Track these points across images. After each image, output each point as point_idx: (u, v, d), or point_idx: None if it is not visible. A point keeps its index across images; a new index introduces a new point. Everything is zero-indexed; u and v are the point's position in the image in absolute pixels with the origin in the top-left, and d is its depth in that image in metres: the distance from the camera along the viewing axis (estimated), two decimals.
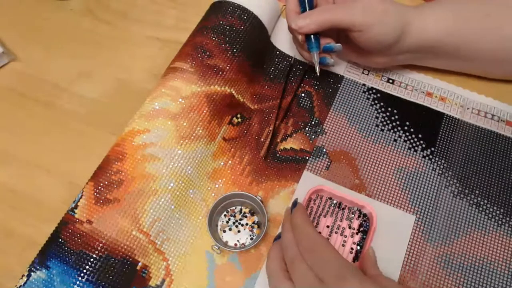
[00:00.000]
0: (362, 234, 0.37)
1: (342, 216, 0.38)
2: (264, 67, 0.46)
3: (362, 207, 0.38)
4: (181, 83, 0.40)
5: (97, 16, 0.52)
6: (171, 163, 0.37)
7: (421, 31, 0.39)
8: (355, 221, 0.38)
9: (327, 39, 0.40)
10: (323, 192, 0.39)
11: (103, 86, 0.47)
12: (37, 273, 0.34)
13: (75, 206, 0.36)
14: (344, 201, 0.39)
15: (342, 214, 0.38)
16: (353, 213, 0.38)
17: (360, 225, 0.38)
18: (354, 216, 0.38)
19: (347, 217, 0.38)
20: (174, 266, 0.36)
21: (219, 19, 0.43)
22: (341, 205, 0.39)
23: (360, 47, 0.41)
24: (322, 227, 0.38)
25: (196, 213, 0.38)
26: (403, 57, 0.43)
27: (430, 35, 0.39)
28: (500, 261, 0.37)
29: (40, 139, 0.44)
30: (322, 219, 0.38)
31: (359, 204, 0.38)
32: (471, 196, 0.40)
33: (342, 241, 0.37)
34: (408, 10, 0.39)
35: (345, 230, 0.38)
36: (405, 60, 0.43)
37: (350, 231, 0.38)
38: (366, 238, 0.37)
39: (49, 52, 0.50)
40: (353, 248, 0.37)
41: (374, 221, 0.37)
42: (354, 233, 0.38)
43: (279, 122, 0.43)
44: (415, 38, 0.39)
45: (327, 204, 0.39)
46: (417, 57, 0.43)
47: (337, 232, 0.38)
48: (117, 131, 0.42)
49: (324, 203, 0.39)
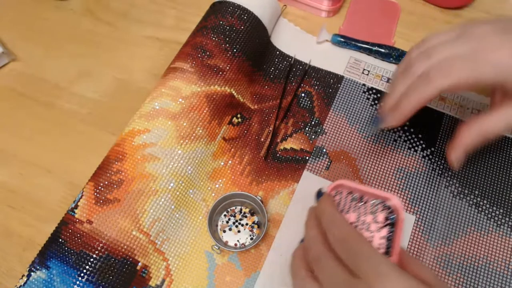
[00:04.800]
0: (389, 227, 0.35)
1: (365, 210, 0.36)
2: (264, 67, 0.46)
3: (386, 199, 0.35)
4: (181, 83, 0.40)
5: (97, 16, 0.52)
6: (171, 163, 0.37)
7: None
8: (379, 214, 0.35)
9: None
10: (342, 187, 0.37)
11: (103, 86, 0.47)
12: (37, 273, 0.34)
13: (75, 206, 0.36)
14: (366, 195, 0.36)
15: (365, 208, 0.36)
16: (376, 206, 0.36)
17: (385, 218, 0.35)
18: (378, 209, 0.36)
19: (371, 211, 0.36)
20: (174, 266, 0.36)
21: (219, 19, 0.43)
22: (363, 198, 0.36)
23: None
24: None
25: (196, 213, 0.38)
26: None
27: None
28: (500, 261, 0.37)
29: (40, 139, 0.44)
30: (345, 215, 0.35)
31: (382, 196, 0.35)
32: (471, 196, 0.40)
33: (369, 237, 0.34)
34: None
35: (370, 225, 0.35)
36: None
37: (376, 225, 0.35)
38: (395, 231, 0.34)
39: (49, 52, 0.50)
40: (381, 243, 0.34)
41: (401, 212, 0.34)
42: (380, 228, 0.35)
43: (279, 122, 0.43)
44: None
45: (348, 199, 0.36)
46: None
47: (362, 228, 0.35)
48: (117, 131, 0.42)
49: (345, 199, 0.36)
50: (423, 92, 0.31)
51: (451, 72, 0.30)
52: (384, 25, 0.51)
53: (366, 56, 0.48)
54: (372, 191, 0.35)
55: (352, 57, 0.48)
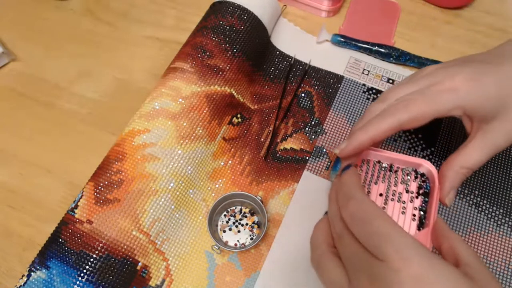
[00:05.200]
0: (423, 197, 0.32)
1: (396, 180, 0.32)
2: (264, 67, 0.46)
3: (419, 165, 0.32)
4: (181, 83, 0.40)
5: (97, 16, 0.52)
6: (171, 163, 0.37)
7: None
8: (412, 183, 0.32)
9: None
10: (370, 155, 0.33)
11: (103, 86, 0.47)
12: (37, 273, 0.34)
13: (75, 206, 0.36)
14: (395, 162, 0.33)
15: (395, 177, 0.33)
16: (408, 174, 0.33)
17: (418, 187, 0.32)
18: (410, 178, 0.32)
19: (402, 180, 0.32)
20: (174, 266, 0.36)
21: (219, 19, 0.43)
22: (393, 167, 0.33)
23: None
24: (374, 196, 0.32)
25: (196, 213, 0.38)
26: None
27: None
28: (500, 261, 0.37)
29: (40, 139, 0.44)
30: (374, 186, 0.32)
31: (414, 162, 0.32)
32: (471, 196, 0.40)
33: (401, 208, 0.31)
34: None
35: (402, 195, 0.32)
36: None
37: (408, 195, 0.32)
38: (430, 200, 0.31)
39: (49, 52, 0.50)
40: (415, 214, 0.31)
41: (436, 180, 0.31)
42: (413, 197, 0.32)
43: (279, 122, 0.43)
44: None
45: (376, 168, 0.33)
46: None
47: (393, 199, 0.32)
48: (117, 131, 0.42)
49: (372, 168, 0.33)
50: (380, 124, 0.30)
51: (409, 105, 0.29)
52: (384, 25, 0.51)
53: (366, 56, 0.48)
54: (402, 158, 0.32)
55: (352, 57, 0.48)
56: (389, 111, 0.30)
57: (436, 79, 0.30)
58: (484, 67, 0.31)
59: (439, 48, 0.49)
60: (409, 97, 0.30)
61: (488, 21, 0.51)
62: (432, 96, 0.30)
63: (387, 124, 0.29)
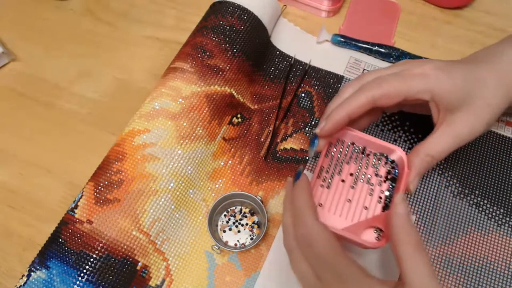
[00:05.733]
0: (390, 182, 0.34)
1: (367, 163, 0.34)
2: (264, 67, 0.46)
3: (391, 151, 0.34)
4: (181, 83, 0.40)
5: (97, 16, 0.52)
6: (171, 163, 0.37)
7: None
8: (381, 168, 0.34)
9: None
10: (346, 136, 0.35)
11: (103, 86, 0.47)
12: (37, 273, 0.34)
13: (75, 206, 0.36)
14: (369, 146, 0.35)
15: (367, 160, 0.35)
16: (379, 159, 0.35)
17: (387, 172, 0.34)
18: (380, 163, 0.34)
19: (372, 164, 0.34)
20: (174, 266, 0.36)
21: (219, 19, 0.43)
22: (365, 150, 0.35)
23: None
24: (345, 174, 0.34)
25: (196, 213, 0.38)
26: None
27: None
28: (500, 261, 0.37)
29: (40, 139, 0.44)
30: (345, 166, 0.34)
31: (387, 147, 0.34)
32: (471, 196, 0.40)
33: (369, 190, 0.33)
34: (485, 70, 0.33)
35: (371, 178, 0.34)
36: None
37: (377, 178, 0.34)
38: (397, 185, 0.33)
39: (49, 52, 0.50)
40: (381, 197, 0.33)
41: (405, 166, 0.33)
42: (381, 181, 0.34)
43: (279, 122, 0.43)
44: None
45: (349, 149, 0.35)
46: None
47: (362, 181, 0.34)
48: (117, 131, 0.42)
49: (346, 149, 0.35)
50: (355, 100, 0.31)
51: (382, 83, 0.32)
52: (384, 25, 0.51)
53: (366, 56, 0.48)
54: (377, 142, 0.34)
55: (352, 57, 0.48)
56: (364, 88, 0.32)
57: (410, 66, 0.33)
58: (453, 63, 0.33)
59: (439, 48, 0.49)
60: (383, 77, 0.32)
61: (488, 21, 0.51)
62: (404, 77, 0.32)
63: (361, 100, 0.31)
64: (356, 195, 0.33)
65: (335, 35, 0.48)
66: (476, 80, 0.32)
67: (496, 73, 0.33)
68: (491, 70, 0.33)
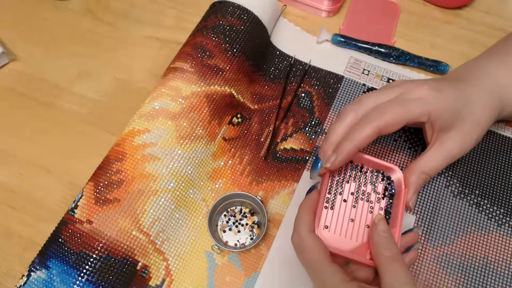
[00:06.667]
0: (388, 199, 0.35)
1: (365, 180, 0.36)
2: (264, 67, 0.46)
3: (390, 170, 0.36)
4: (181, 83, 0.40)
5: (97, 16, 0.52)
6: (171, 163, 0.37)
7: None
8: (379, 184, 0.36)
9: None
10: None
11: (103, 86, 0.47)
12: (37, 273, 0.34)
13: (75, 206, 0.36)
14: (367, 164, 0.36)
15: (365, 178, 0.36)
16: (376, 176, 0.36)
17: (385, 189, 0.35)
18: (377, 180, 0.36)
19: (370, 181, 0.36)
20: (174, 266, 0.36)
21: (219, 19, 0.43)
22: (363, 168, 0.36)
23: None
24: (347, 194, 0.35)
25: (196, 213, 0.38)
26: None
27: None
28: (500, 261, 0.37)
29: (40, 139, 0.44)
30: (345, 185, 0.35)
31: (386, 166, 0.36)
32: (471, 196, 0.40)
33: (369, 208, 0.35)
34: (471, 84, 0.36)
35: (370, 195, 0.35)
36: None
37: (376, 195, 0.35)
38: (396, 202, 0.34)
39: (49, 52, 0.50)
40: (380, 214, 0.34)
41: (402, 184, 0.35)
42: (380, 198, 0.35)
43: (279, 122, 0.43)
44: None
45: (348, 168, 0.36)
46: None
47: (362, 199, 0.35)
48: (117, 131, 0.42)
49: (345, 167, 0.36)
50: (360, 132, 0.33)
51: (384, 113, 0.33)
52: (384, 25, 0.51)
53: (366, 56, 0.48)
54: (375, 160, 0.36)
55: (352, 57, 0.48)
56: (367, 119, 0.33)
57: (407, 89, 0.34)
58: (444, 82, 0.35)
59: (439, 48, 0.49)
60: (384, 105, 0.34)
61: (488, 21, 0.51)
62: (404, 103, 0.33)
63: (367, 132, 0.33)
64: (358, 214, 0.34)
65: (335, 35, 0.48)
66: (465, 99, 0.35)
67: (483, 91, 0.35)
68: (479, 89, 0.36)
